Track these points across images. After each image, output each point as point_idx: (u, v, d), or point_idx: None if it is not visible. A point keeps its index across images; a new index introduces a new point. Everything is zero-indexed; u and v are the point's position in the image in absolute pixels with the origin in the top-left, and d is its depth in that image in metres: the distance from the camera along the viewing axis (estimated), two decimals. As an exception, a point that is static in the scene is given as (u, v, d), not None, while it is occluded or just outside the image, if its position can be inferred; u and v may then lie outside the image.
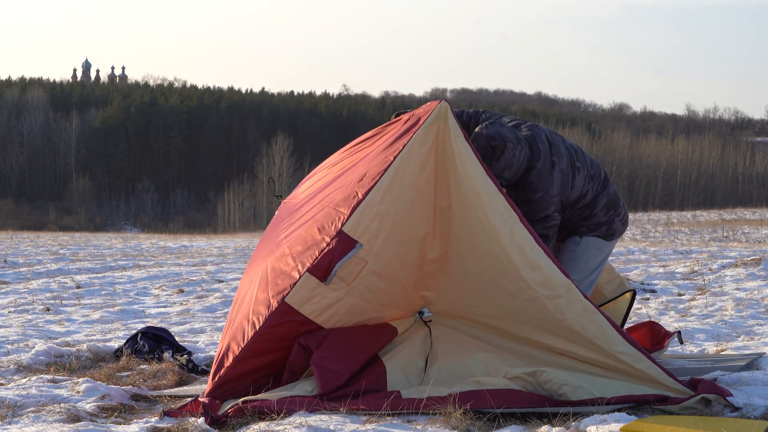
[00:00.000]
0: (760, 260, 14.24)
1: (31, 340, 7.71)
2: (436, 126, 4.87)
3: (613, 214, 5.69)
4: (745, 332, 8.65)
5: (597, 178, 5.64)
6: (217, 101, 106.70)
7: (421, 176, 4.94)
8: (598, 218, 5.64)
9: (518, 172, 5.36)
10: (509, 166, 5.30)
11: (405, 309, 5.29)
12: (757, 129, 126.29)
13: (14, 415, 4.84)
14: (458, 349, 5.18)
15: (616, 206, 5.71)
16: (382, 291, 5.10)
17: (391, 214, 4.92)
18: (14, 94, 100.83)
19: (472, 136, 5.29)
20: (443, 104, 4.90)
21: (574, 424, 4.47)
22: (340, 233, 4.87)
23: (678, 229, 40.22)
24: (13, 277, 14.79)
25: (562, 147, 5.53)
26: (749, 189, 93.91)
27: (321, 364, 4.94)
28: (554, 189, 5.36)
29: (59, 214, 77.91)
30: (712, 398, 4.75)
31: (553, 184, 5.36)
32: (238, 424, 4.63)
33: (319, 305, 4.99)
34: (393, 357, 5.16)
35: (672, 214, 60.46)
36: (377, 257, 4.95)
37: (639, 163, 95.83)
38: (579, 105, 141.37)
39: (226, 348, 5.07)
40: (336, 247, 4.86)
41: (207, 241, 30.87)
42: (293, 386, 5.03)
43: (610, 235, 5.68)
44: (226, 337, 5.15)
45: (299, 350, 5.05)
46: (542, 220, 5.33)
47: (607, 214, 5.66)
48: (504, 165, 5.28)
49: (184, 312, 10.53)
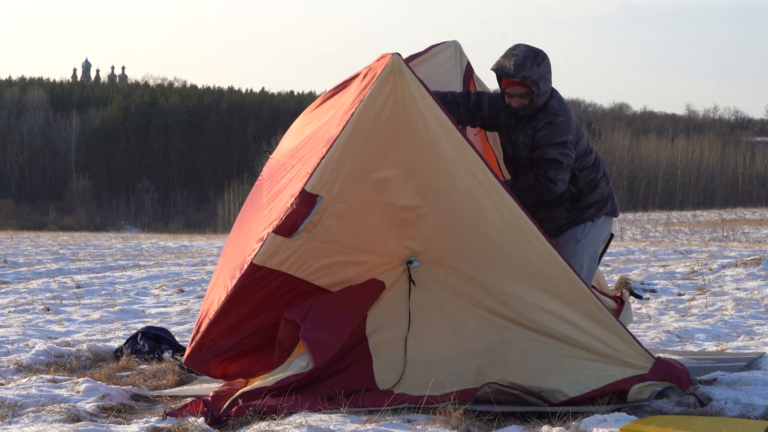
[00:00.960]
0: (760, 260, 14.24)
1: (31, 340, 7.72)
2: (392, 79, 4.95)
3: (612, 188, 5.81)
4: (745, 332, 8.65)
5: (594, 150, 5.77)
6: (217, 101, 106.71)
7: (377, 127, 5.03)
8: (602, 189, 5.70)
9: (547, 90, 5.46)
10: (546, 76, 5.41)
11: (388, 255, 5.32)
12: (757, 129, 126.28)
13: (14, 415, 4.84)
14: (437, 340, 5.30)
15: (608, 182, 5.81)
16: (349, 233, 5.22)
17: (347, 163, 5.05)
18: (14, 94, 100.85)
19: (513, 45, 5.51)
20: (395, 57, 4.95)
21: (574, 424, 4.48)
22: (302, 192, 5.01)
23: (678, 229, 40.23)
24: (13, 277, 14.79)
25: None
26: (749, 189, 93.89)
27: (310, 336, 5.04)
28: (573, 121, 5.50)
29: (59, 214, 77.93)
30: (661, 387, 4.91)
31: (571, 116, 5.51)
32: (238, 424, 4.63)
33: (282, 256, 5.12)
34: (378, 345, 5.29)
35: (672, 214, 60.49)
36: (336, 202, 5.09)
37: (639, 163, 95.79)
38: (579, 105, 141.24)
39: (204, 314, 5.20)
40: (299, 207, 5.00)
41: (207, 241, 30.87)
42: (287, 366, 5.11)
43: (613, 210, 5.78)
44: (204, 304, 5.30)
45: (286, 325, 5.15)
46: (561, 145, 5.40)
47: (608, 185, 5.76)
48: (544, 72, 5.39)
49: (184, 312, 10.54)
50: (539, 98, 5.43)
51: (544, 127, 5.42)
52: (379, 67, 5.01)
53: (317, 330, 5.07)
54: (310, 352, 5.01)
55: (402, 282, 5.35)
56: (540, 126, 5.43)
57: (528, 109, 5.45)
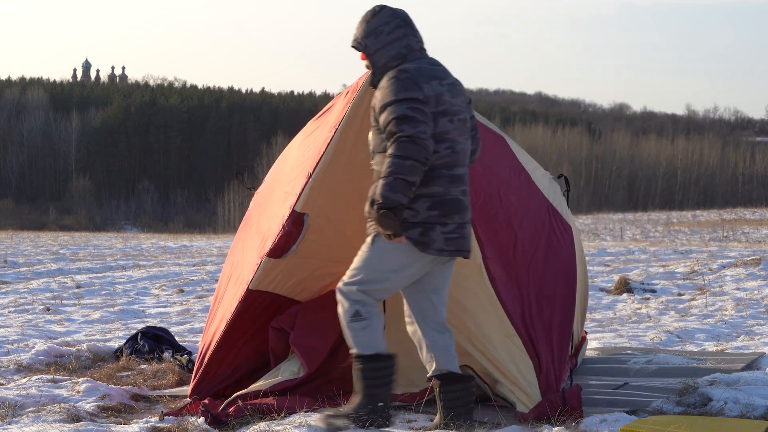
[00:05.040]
0: (760, 260, 14.25)
1: (31, 340, 7.72)
2: (369, 93, 4.99)
3: (438, 216, 4.38)
4: (745, 332, 8.66)
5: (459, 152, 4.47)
6: (217, 101, 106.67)
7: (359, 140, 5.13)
8: (419, 209, 4.35)
9: (383, 46, 4.51)
10: (379, 29, 4.50)
11: None
12: (757, 129, 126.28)
13: (14, 415, 4.84)
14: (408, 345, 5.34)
15: (446, 212, 4.39)
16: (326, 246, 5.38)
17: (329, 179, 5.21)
18: (14, 94, 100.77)
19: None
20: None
21: (574, 424, 4.48)
22: (292, 213, 5.12)
23: (678, 229, 40.22)
24: (13, 277, 14.79)
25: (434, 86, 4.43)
26: (749, 189, 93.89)
27: (300, 343, 5.23)
28: (429, 87, 4.38)
29: (59, 214, 77.87)
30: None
31: (425, 81, 4.39)
32: (238, 424, 4.63)
33: (271, 276, 5.31)
34: None
35: (672, 214, 60.48)
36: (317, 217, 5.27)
37: (639, 163, 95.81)
38: (579, 105, 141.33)
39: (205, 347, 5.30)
40: (290, 229, 5.13)
41: (207, 241, 30.87)
42: (277, 371, 5.27)
43: (423, 243, 4.36)
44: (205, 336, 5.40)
45: (275, 333, 5.37)
46: (409, 101, 4.29)
47: (429, 210, 4.37)
48: (375, 26, 4.51)
49: (184, 312, 10.53)
50: (375, 57, 4.50)
51: (387, 85, 4.37)
52: (359, 83, 5.11)
53: (307, 336, 5.27)
54: (302, 358, 5.20)
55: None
56: (383, 85, 4.42)
57: (375, 77, 4.54)
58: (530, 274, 5.02)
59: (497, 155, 5.40)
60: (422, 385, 5.19)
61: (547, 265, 5.15)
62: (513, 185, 5.32)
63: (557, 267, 5.20)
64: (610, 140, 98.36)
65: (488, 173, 5.14)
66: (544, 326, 4.92)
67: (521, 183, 5.39)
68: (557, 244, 5.29)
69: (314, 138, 5.38)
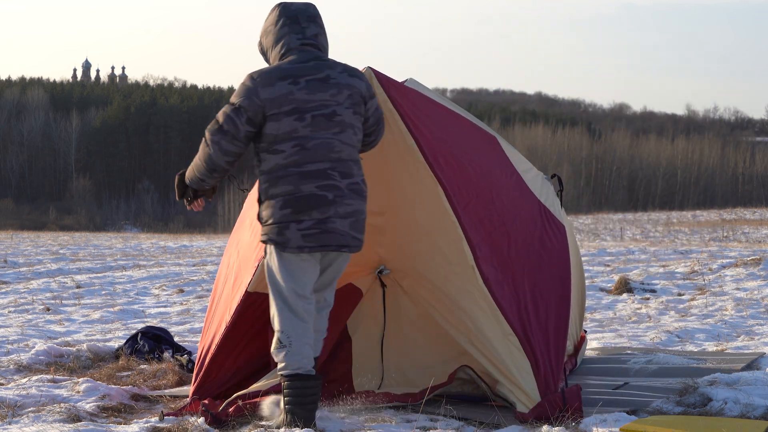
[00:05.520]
0: (760, 260, 14.25)
1: (31, 340, 7.72)
2: None
3: (291, 214, 4.39)
4: (745, 332, 8.66)
5: (310, 149, 4.43)
6: (217, 101, 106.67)
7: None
8: (273, 210, 4.43)
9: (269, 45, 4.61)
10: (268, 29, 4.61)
11: (358, 265, 5.37)
12: (757, 129, 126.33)
13: (14, 415, 4.84)
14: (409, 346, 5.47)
15: (299, 209, 4.40)
16: None
17: None
18: (14, 94, 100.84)
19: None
20: (367, 71, 4.98)
21: (574, 424, 4.48)
22: None
23: (678, 229, 40.23)
24: (13, 277, 14.79)
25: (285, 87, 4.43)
26: (749, 189, 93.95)
27: None
28: (267, 90, 4.42)
29: (59, 214, 77.90)
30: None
31: (266, 84, 4.44)
32: (238, 424, 4.63)
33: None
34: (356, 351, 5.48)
35: (672, 214, 60.51)
36: None
37: (639, 163, 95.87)
38: (579, 105, 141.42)
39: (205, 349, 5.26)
40: None
41: (207, 240, 30.88)
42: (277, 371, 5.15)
43: (281, 243, 4.42)
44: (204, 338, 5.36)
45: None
46: (229, 105, 4.45)
47: (282, 210, 4.41)
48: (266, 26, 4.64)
49: (184, 312, 10.54)
50: (268, 57, 4.64)
51: None
52: None
53: None
54: None
55: (374, 289, 5.54)
56: None
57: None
58: (525, 274, 5.02)
59: (488, 156, 5.41)
60: (422, 385, 5.19)
61: (541, 265, 5.15)
62: (505, 186, 5.32)
63: (551, 267, 5.20)
64: (610, 140, 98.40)
65: (480, 174, 5.15)
66: (541, 326, 4.92)
67: (513, 184, 5.40)
68: (550, 243, 5.29)
69: None
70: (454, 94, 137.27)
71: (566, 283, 5.23)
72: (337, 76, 4.53)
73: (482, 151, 5.38)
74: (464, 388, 5.23)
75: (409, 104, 5.07)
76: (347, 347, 5.50)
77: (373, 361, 5.52)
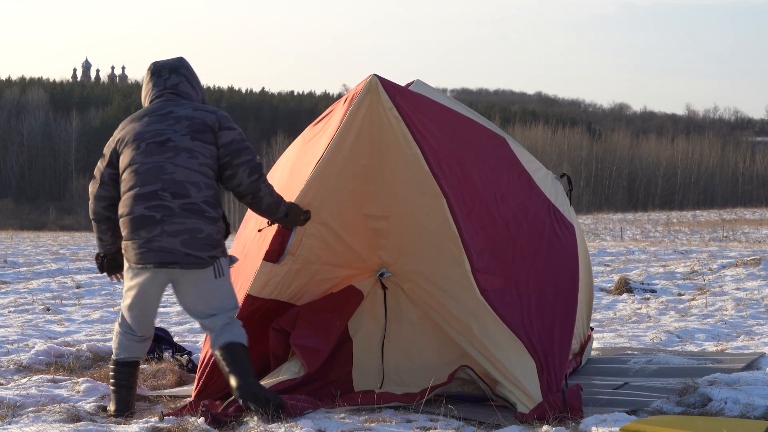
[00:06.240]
0: (760, 260, 14.26)
1: (31, 340, 7.72)
2: (368, 99, 5.08)
3: (129, 234, 4.76)
4: (745, 332, 8.66)
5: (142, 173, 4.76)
6: (217, 101, 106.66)
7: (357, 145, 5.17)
8: (125, 210, 4.81)
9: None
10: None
11: (360, 268, 5.47)
12: (757, 129, 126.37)
13: (14, 415, 4.84)
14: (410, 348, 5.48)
15: (133, 229, 4.73)
16: (327, 251, 5.38)
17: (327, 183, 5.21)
18: (14, 94, 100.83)
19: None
20: (372, 78, 5.06)
21: (574, 424, 4.48)
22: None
23: (678, 229, 40.23)
24: (13, 277, 14.80)
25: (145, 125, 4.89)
26: (749, 189, 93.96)
27: (301, 343, 5.23)
28: (125, 132, 4.90)
29: (59, 214, 77.89)
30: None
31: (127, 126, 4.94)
32: (238, 424, 4.64)
33: (271, 283, 5.31)
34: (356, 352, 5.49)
35: (672, 214, 60.51)
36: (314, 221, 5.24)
37: (639, 163, 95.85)
38: (579, 105, 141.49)
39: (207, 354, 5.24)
40: (282, 229, 5.17)
41: (207, 241, 30.80)
42: (278, 371, 5.26)
43: (126, 259, 4.85)
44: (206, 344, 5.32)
45: (276, 335, 5.35)
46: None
47: (123, 230, 4.81)
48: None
49: (184, 312, 10.52)
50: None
51: None
52: (357, 89, 5.15)
53: (307, 336, 5.27)
54: (303, 358, 5.19)
55: (375, 291, 5.56)
56: None
57: None
58: (530, 276, 5.03)
59: (496, 159, 5.39)
60: (421, 385, 5.20)
61: (548, 266, 5.15)
62: (513, 187, 5.32)
63: (559, 267, 5.21)
64: (610, 140, 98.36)
65: (485, 180, 5.16)
66: (546, 328, 4.92)
67: (522, 184, 5.40)
68: (559, 243, 5.30)
69: (313, 144, 5.40)
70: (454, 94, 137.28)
71: (574, 284, 5.24)
72: (178, 110, 4.91)
73: (490, 154, 5.37)
74: (464, 388, 5.24)
75: (415, 111, 5.07)
76: (348, 348, 5.50)
77: (374, 362, 5.52)
